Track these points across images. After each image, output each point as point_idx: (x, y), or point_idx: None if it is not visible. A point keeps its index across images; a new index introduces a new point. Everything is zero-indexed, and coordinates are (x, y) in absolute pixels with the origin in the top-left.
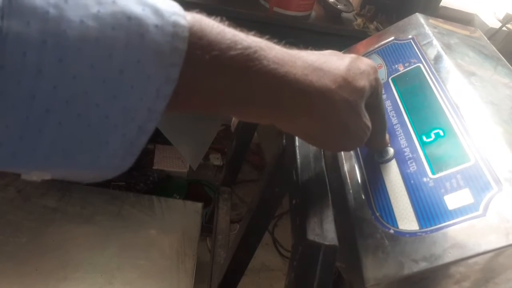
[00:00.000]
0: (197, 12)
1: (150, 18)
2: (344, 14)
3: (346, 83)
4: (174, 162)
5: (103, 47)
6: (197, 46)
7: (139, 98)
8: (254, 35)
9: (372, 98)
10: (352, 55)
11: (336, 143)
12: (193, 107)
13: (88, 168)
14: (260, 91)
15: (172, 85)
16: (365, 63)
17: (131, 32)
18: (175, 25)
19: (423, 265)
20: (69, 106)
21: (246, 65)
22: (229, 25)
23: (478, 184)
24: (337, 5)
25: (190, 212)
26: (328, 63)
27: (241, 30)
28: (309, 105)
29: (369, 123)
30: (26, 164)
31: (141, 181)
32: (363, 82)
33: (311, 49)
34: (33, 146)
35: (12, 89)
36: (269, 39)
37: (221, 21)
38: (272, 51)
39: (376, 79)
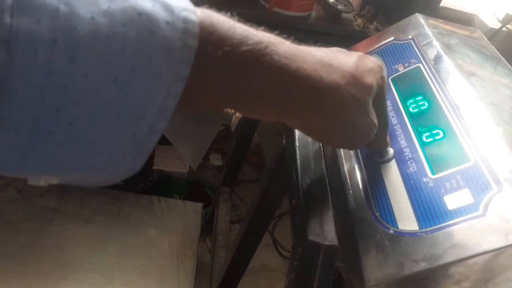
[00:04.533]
0: (206, 8)
1: (160, 14)
2: (344, 15)
3: (354, 79)
4: (174, 162)
5: (114, 44)
6: (208, 42)
7: (150, 96)
8: (263, 30)
9: (378, 97)
10: (359, 53)
11: (343, 139)
12: (204, 105)
13: (98, 171)
14: (271, 86)
15: (182, 82)
16: (372, 60)
17: (141, 29)
18: (186, 21)
19: (423, 265)
20: (80, 105)
21: (258, 60)
22: (238, 21)
23: (478, 184)
24: (337, 5)
25: (190, 212)
26: (337, 59)
27: (251, 26)
28: (318, 101)
29: (375, 120)
30: (36, 168)
31: (141, 181)
32: (370, 80)
33: (318, 46)
34: (42, 148)
35: (23, 89)
36: (278, 35)
37: (231, 16)
38: (282, 46)
39: (382, 77)
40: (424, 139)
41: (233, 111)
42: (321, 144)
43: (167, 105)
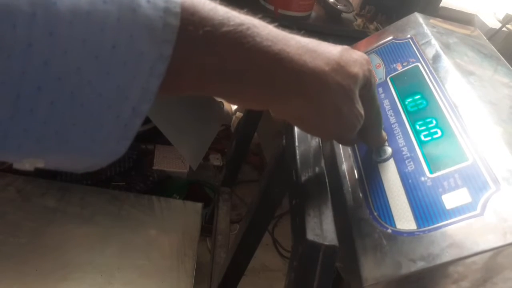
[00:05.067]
0: None
1: None
2: (344, 15)
3: (339, 67)
4: (174, 162)
5: (95, 21)
6: (189, 22)
7: (132, 76)
8: (246, 13)
9: (366, 90)
10: (345, 46)
11: (328, 128)
12: (186, 87)
13: (82, 153)
14: (252, 69)
15: (165, 62)
16: (358, 53)
17: (122, 6)
18: (167, 0)
19: (421, 265)
20: (61, 83)
21: (239, 41)
22: (220, 3)
23: (476, 184)
24: (337, 5)
25: (190, 212)
26: (321, 46)
27: (233, 9)
28: (302, 85)
29: (362, 111)
30: (18, 148)
31: (141, 181)
32: (356, 69)
33: (303, 35)
34: (24, 127)
35: (2, 64)
36: (262, 18)
37: None
38: (265, 29)
39: (369, 70)
40: (422, 138)
41: (233, 111)
42: (320, 144)
43: (150, 85)
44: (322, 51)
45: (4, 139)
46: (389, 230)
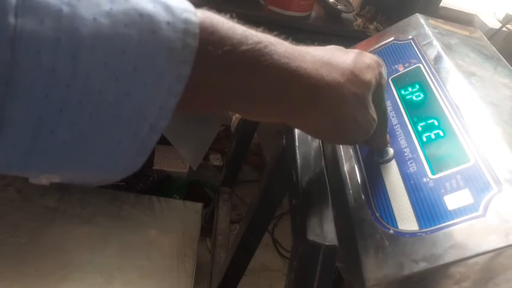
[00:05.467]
0: (206, 9)
1: (161, 15)
2: (344, 15)
3: (354, 76)
4: (174, 162)
5: (116, 44)
6: (209, 42)
7: (151, 96)
8: (262, 31)
9: (377, 93)
10: (356, 50)
11: (343, 136)
12: (204, 105)
13: (99, 169)
14: (271, 85)
15: (183, 82)
16: (369, 57)
17: (143, 29)
18: (186, 21)
19: (423, 265)
20: (82, 105)
21: (258, 60)
22: (237, 23)
23: (478, 185)
24: (337, 5)
25: (190, 212)
26: (335, 57)
27: (250, 27)
28: (319, 99)
29: (375, 116)
30: (37, 166)
31: (141, 181)
32: (369, 76)
33: (316, 45)
34: (44, 147)
35: (26, 88)
36: (277, 36)
37: (230, 18)
38: (282, 46)
39: (380, 74)
40: (424, 139)
41: None
42: (321, 144)
43: (168, 104)
44: (337, 63)
45: (25, 158)
46: (391, 231)
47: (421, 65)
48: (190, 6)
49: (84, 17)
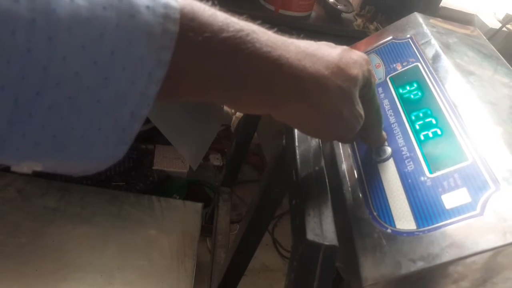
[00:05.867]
0: None
1: None
2: (344, 15)
3: (339, 70)
4: (174, 162)
5: (94, 27)
6: (189, 28)
7: (131, 82)
8: (245, 19)
9: (366, 90)
10: (344, 47)
11: (329, 130)
12: (186, 93)
13: (80, 157)
14: (252, 75)
15: (164, 68)
16: (357, 54)
17: (122, 13)
18: (166, 6)
19: (420, 265)
20: (60, 88)
21: (239, 47)
22: (220, 9)
23: (476, 183)
24: (337, 5)
25: (190, 212)
26: (320, 49)
27: (232, 15)
28: (302, 90)
29: (362, 112)
30: (16, 152)
31: (141, 181)
32: (356, 71)
33: (302, 38)
34: (22, 131)
35: (1, 70)
36: (260, 24)
37: (212, 5)
38: (264, 35)
39: (369, 71)
40: (422, 138)
41: (233, 111)
42: (320, 144)
43: (149, 91)
44: (322, 55)
45: (3, 143)
46: (389, 230)
47: (419, 64)
48: None
49: None
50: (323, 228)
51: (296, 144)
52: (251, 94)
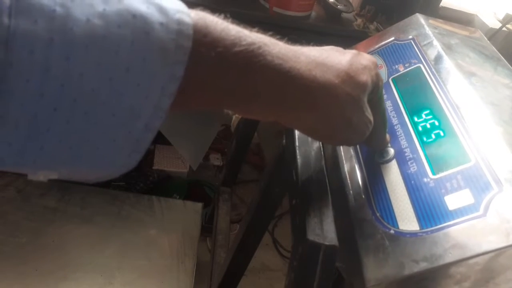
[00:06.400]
0: (201, 10)
1: (155, 16)
2: (344, 15)
3: (349, 77)
4: (174, 162)
5: (110, 44)
6: (202, 43)
7: (145, 96)
8: (257, 31)
9: (373, 94)
10: (353, 51)
11: (339, 137)
12: (198, 104)
13: (95, 166)
14: (264, 87)
15: (177, 82)
16: (366, 58)
17: (136, 30)
18: (180, 23)
19: (423, 265)
20: (77, 104)
21: (251, 61)
22: (232, 22)
23: (479, 185)
24: (337, 5)
25: (190, 212)
26: (330, 58)
27: (245, 27)
28: (313, 100)
29: (371, 118)
30: (33, 163)
31: (141, 181)
32: (365, 77)
33: (312, 45)
34: (40, 145)
35: (21, 87)
36: (272, 35)
37: (225, 18)
38: (276, 47)
39: (377, 74)
40: (425, 139)
41: None
42: (321, 144)
43: (162, 104)
44: (332, 64)
45: (21, 155)
46: (392, 231)
47: (421, 65)
48: (183, 7)
49: (77, 18)
50: (323, 228)
51: (296, 144)
52: (262, 105)
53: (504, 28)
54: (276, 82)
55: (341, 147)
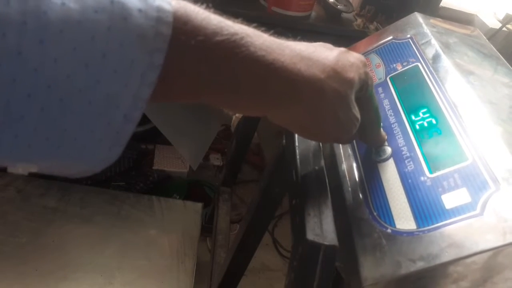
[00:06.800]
0: None
1: (133, 2)
2: (344, 15)
3: (335, 73)
4: (174, 162)
5: (85, 30)
6: (182, 31)
7: (123, 84)
8: (240, 22)
9: (363, 92)
10: (341, 48)
11: (325, 133)
12: (178, 96)
13: (74, 159)
14: (246, 78)
15: (156, 71)
16: (354, 56)
17: (114, 16)
18: (159, 9)
19: (420, 265)
20: (51, 90)
21: (232, 51)
22: (214, 12)
23: (476, 183)
24: (337, 5)
25: (190, 212)
26: (317, 53)
27: (228, 18)
28: (297, 94)
29: (358, 115)
30: (10, 153)
31: (141, 181)
32: (352, 74)
33: (299, 40)
34: (14, 133)
35: None
36: (256, 27)
37: (207, 7)
38: (259, 38)
39: (366, 73)
40: (422, 137)
41: None
42: (320, 144)
43: (141, 93)
44: (318, 58)
45: None
46: (389, 230)
47: (419, 64)
48: None
49: (52, 1)
50: (323, 228)
51: (296, 144)
52: (245, 98)
53: (504, 28)
54: (259, 73)
55: (340, 146)
